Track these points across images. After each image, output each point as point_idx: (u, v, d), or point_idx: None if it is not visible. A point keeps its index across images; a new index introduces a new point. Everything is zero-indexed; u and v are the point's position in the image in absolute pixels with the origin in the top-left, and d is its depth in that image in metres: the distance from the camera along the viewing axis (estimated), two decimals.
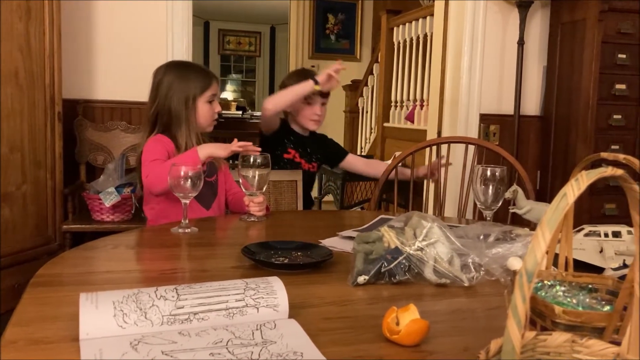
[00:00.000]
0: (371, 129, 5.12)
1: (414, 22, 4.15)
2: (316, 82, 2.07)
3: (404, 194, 2.72)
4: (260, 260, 1.12)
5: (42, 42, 2.40)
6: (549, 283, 0.81)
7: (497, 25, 3.20)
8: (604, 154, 0.75)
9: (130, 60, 2.85)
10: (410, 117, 4.10)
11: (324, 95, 2.23)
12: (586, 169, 0.65)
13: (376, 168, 2.43)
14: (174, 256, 1.24)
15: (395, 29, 4.52)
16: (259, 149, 1.67)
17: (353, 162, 2.42)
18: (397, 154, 2.95)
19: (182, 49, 2.90)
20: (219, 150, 1.66)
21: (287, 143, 2.25)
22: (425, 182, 2.29)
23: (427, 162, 2.35)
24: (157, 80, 1.81)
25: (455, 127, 3.23)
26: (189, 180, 1.42)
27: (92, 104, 2.83)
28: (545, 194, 3.24)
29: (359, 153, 5.14)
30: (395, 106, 4.52)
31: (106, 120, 2.83)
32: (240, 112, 7.66)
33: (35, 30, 2.37)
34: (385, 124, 4.65)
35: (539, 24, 3.26)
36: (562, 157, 3.11)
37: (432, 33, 3.67)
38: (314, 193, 3.86)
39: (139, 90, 2.75)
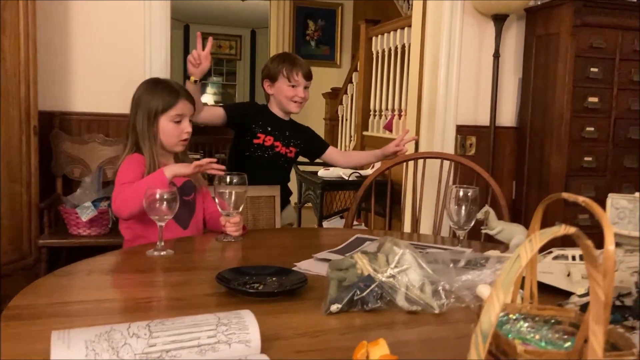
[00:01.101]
0: (351, 137, 5.15)
1: (392, 33, 4.19)
2: (188, 78, 2.03)
3: (382, 203, 2.74)
4: (234, 288, 1.13)
5: (16, 55, 2.37)
6: (514, 317, 0.84)
7: (474, 38, 3.24)
8: (565, 195, 0.77)
9: (107, 69, 2.83)
10: (388, 127, 4.13)
11: (307, 78, 2.30)
12: (560, 220, 0.67)
13: (352, 159, 2.54)
14: (148, 283, 1.24)
15: (374, 38, 4.56)
16: (223, 167, 1.66)
17: (333, 154, 2.49)
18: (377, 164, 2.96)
19: (161, 56, 2.89)
20: (183, 168, 1.68)
21: (255, 128, 2.28)
22: (403, 191, 2.30)
23: (403, 174, 2.38)
24: (133, 95, 1.83)
25: (433, 137, 3.27)
26: (165, 202, 1.42)
27: (69, 116, 2.80)
28: (520, 204, 3.29)
29: None
30: (374, 115, 4.55)
31: (83, 133, 2.80)
32: None
33: (10, 43, 2.34)
34: (365, 133, 4.68)
35: (514, 37, 3.31)
36: (537, 167, 3.17)
37: (410, 44, 3.71)
38: (293, 198, 3.88)
39: (116, 102, 2.74)
